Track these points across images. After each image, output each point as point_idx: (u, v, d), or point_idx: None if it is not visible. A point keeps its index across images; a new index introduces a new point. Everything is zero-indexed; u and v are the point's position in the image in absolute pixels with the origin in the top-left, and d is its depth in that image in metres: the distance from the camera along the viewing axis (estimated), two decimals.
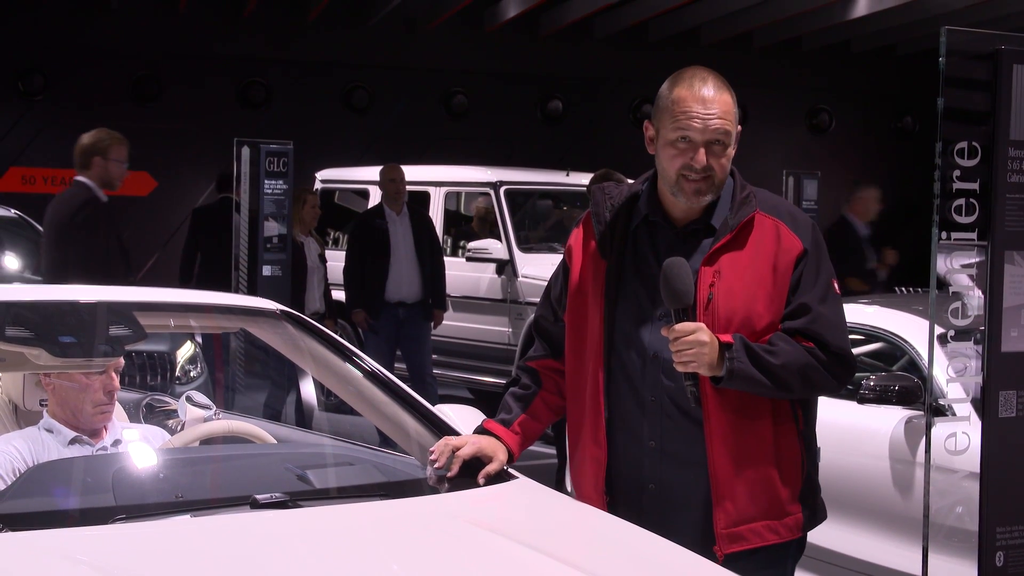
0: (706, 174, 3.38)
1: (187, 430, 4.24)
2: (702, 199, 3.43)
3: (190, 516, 3.08)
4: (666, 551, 3.16)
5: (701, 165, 3.37)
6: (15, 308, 3.82)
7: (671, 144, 3.41)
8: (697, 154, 3.37)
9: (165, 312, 4.31)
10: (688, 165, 3.38)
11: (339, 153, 14.82)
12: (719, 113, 3.38)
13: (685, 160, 3.38)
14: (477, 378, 11.70)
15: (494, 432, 3.59)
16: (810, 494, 3.52)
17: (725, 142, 3.40)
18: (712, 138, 3.38)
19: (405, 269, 10.06)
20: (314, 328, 4.14)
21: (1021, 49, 4.09)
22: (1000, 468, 4.10)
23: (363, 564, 2.91)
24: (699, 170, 3.37)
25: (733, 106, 3.44)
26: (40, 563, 2.75)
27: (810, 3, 15.53)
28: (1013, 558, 4.12)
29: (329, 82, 16.65)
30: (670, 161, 3.42)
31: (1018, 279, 4.09)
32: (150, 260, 14.20)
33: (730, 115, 3.42)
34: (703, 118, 3.37)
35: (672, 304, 3.29)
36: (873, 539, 5.73)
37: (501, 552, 3.03)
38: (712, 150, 3.38)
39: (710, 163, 3.38)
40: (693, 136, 3.37)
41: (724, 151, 3.40)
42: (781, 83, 18.33)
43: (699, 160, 3.37)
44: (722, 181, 3.45)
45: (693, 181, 3.39)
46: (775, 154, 16.91)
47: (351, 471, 3.71)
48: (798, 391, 3.40)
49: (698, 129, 3.37)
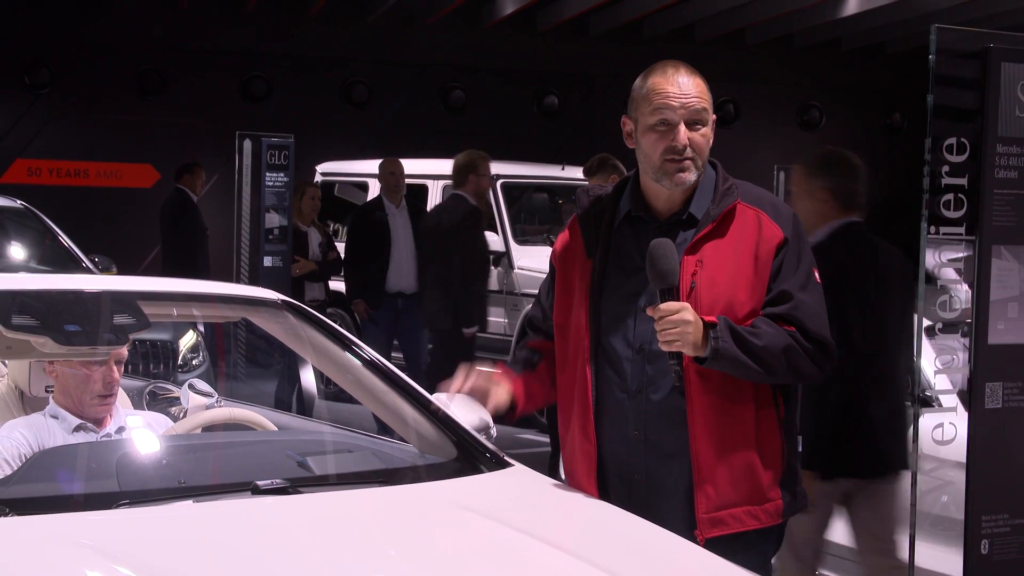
0: (689, 154, 3.41)
1: (189, 417, 4.24)
2: (687, 179, 3.44)
3: (192, 502, 3.08)
4: (655, 536, 3.17)
5: (683, 144, 3.40)
6: (21, 297, 3.82)
7: (651, 129, 3.44)
8: (678, 133, 3.41)
9: (168, 301, 4.31)
10: (671, 147, 3.41)
11: (339, 146, 14.83)
12: (695, 93, 3.43)
13: (667, 142, 3.42)
14: None
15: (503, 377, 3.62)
16: (791, 481, 3.52)
17: (702, 120, 3.44)
18: (690, 117, 3.42)
19: (404, 260, 10.06)
20: (314, 317, 4.14)
21: (1010, 47, 4.09)
22: (986, 458, 4.10)
23: (361, 549, 2.91)
24: (681, 150, 3.40)
25: (707, 90, 3.47)
26: (45, 547, 2.75)
27: (802, 1, 15.55)
28: (998, 546, 4.12)
29: (329, 77, 16.64)
30: (653, 146, 3.45)
31: (1005, 273, 4.10)
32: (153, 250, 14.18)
33: (705, 97, 3.45)
34: (679, 98, 3.41)
35: (658, 284, 3.30)
36: None
37: (496, 538, 3.03)
38: (690, 128, 3.42)
39: (691, 141, 3.41)
40: (671, 116, 3.41)
41: (701, 129, 3.43)
42: (773, 80, 18.34)
43: (680, 139, 3.40)
44: (704, 161, 3.47)
45: (676, 162, 3.42)
46: (767, 149, 16.90)
47: (350, 458, 3.71)
48: (780, 375, 3.40)
49: (675, 108, 3.41)
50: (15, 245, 9.82)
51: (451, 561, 2.91)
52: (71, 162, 16.00)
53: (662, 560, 3.06)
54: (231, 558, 2.76)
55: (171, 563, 2.68)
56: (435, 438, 3.64)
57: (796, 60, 18.44)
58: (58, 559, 2.70)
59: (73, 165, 16.01)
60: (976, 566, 4.10)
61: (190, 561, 2.72)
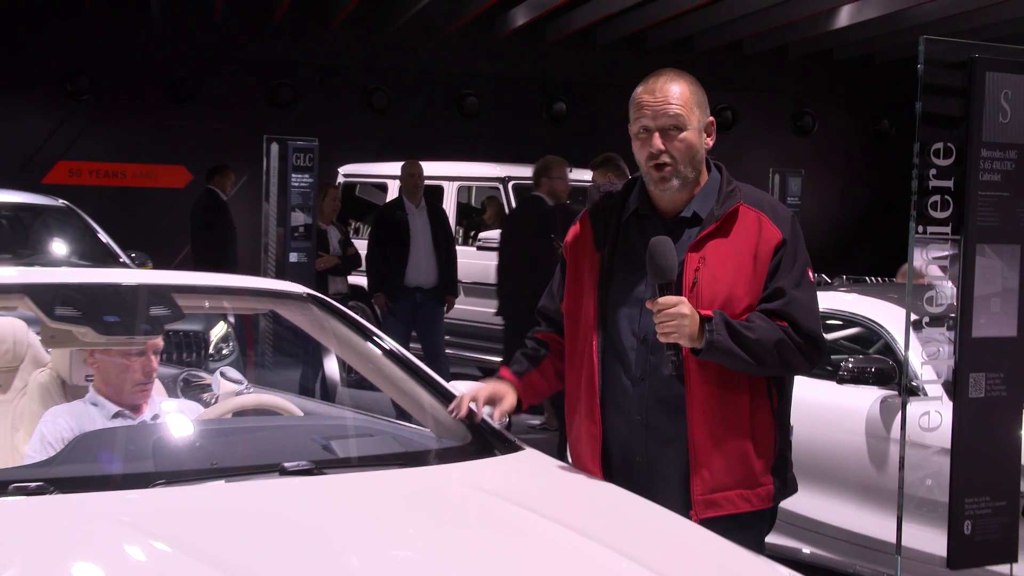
0: (666, 160, 3.41)
1: (220, 403, 4.24)
2: (668, 186, 3.45)
3: (224, 482, 3.09)
4: (656, 515, 3.17)
5: (657, 149, 3.41)
6: (64, 290, 3.82)
7: (635, 137, 3.48)
8: (653, 139, 3.42)
9: (200, 294, 4.31)
10: (651, 153, 3.43)
11: (360, 149, 14.84)
12: (669, 100, 3.42)
13: (648, 149, 3.43)
14: (486, 357, 11.72)
15: (507, 379, 3.65)
16: (782, 468, 3.52)
17: (680, 125, 3.42)
18: (664, 124, 3.42)
19: (423, 257, 10.07)
20: (337, 310, 4.14)
21: (994, 57, 4.08)
22: (969, 444, 4.10)
23: (382, 527, 2.91)
24: (656, 154, 3.42)
25: (690, 96, 3.46)
26: (86, 523, 2.76)
27: (796, 14, 15.52)
28: (980, 526, 4.12)
29: (351, 84, 16.65)
30: (638, 153, 3.48)
31: (988, 270, 4.09)
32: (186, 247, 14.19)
33: (684, 103, 3.44)
34: (653, 106, 3.42)
35: (656, 279, 3.31)
36: (852, 509, 5.74)
37: (509, 517, 3.03)
38: (667, 135, 3.42)
39: (665, 146, 3.41)
40: (647, 124, 3.43)
41: (679, 135, 3.42)
42: (768, 88, 18.32)
43: (655, 144, 3.42)
44: (688, 164, 3.45)
45: (657, 170, 3.43)
46: (762, 154, 16.89)
47: (371, 441, 3.72)
48: (772, 367, 3.39)
49: (649, 116, 3.43)
50: (58, 241, 9.85)
51: (466, 538, 2.91)
52: (109, 164, 16.02)
53: (662, 537, 3.07)
54: (260, 534, 2.77)
55: (203, 538, 2.69)
56: (451, 423, 3.64)
57: (790, 69, 18.43)
58: (98, 534, 2.71)
59: (111, 167, 16.04)
60: (960, 546, 4.10)
61: (221, 537, 2.72)
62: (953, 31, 14.29)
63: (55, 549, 2.65)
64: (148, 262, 9.98)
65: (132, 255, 9.95)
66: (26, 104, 15.60)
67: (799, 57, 18.24)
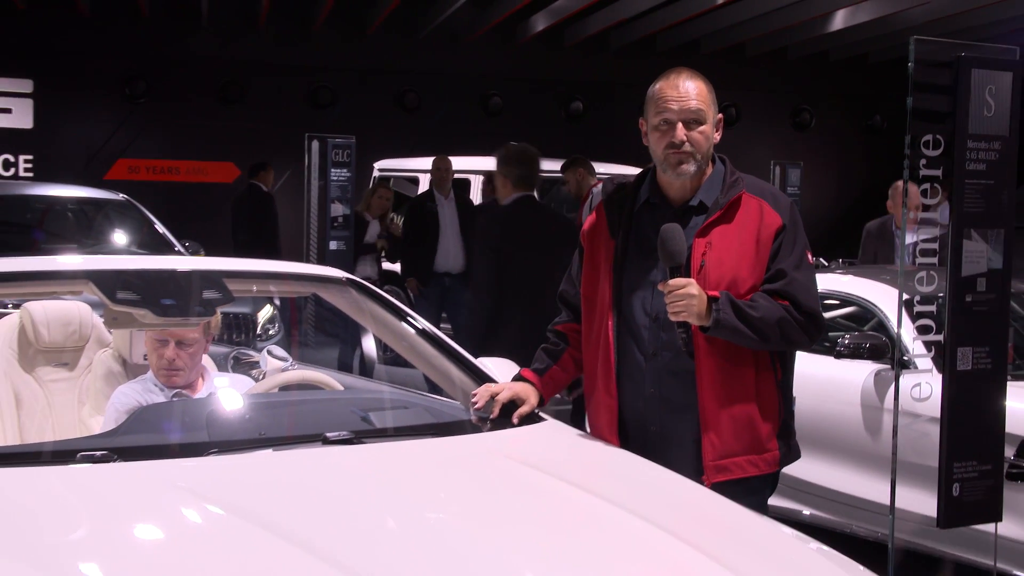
0: (687, 148, 3.42)
1: (268, 379, 4.25)
2: (686, 170, 3.45)
3: (271, 450, 3.09)
4: (670, 480, 3.17)
5: (680, 139, 3.41)
6: (124, 276, 3.83)
7: (656, 128, 3.47)
8: (676, 130, 3.41)
9: (249, 279, 4.32)
10: (671, 143, 3.42)
11: (394, 146, 14.83)
12: (691, 96, 3.43)
13: (668, 139, 3.43)
14: None
15: (528, 379, 3.63)
16: (785, 435, 3.52)
17: (700, 119, 3.43)
18: (686, 117, 3.42)
19: (451, 244, 10.06)
20: (374, 292, 4.15)
21: (979, 55, 4.06)
22: (957, 413, 4.08)
23: (416, 491, 2.91)
24: (678, 144, 3.41)
25: (707, 93, 3.47)
26: (146, 488, 2.77)
27: (794, 18, 15.47)
28: (967, 489, 4.11)
29: (385, 86, 16.65)
30: (657, 142, 3.47)
31: (974, 252, 4.07)
32: None
33: (703, 99, 3.45)
34: (677, 100, 3.42)
35: (667, 262, 3.32)
36: (848, 473, 5.72)
37: (533, 481, 3.03)
38: (688, 126, 3.42)
39: (688, 137, 3.42)
40: (671, 117, 3.42)
41: (699, 127, 3.43)
42: (769, 87, 18.25)
43: (678, 135, 3.42)
44: (705, 154, 3.46)
45: (676, 154, 3.43)
46: (764, 147, 16.84)
47: (406, 413, 3.72)
48: (775, 342, 3.39)
49: (674, 111, 3.42)
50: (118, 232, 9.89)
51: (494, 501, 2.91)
52: (164, 161, 16.07)
53: (676, 500, 3.06)
54: (304, 498, 2.77)
55: (253, 502, 2.69)
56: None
57: (789, 70, 18.36)
58: (157, 498, 2.72)
59: (166, 163, 16.08)
60: (949, 506, 4.09)
61: (269, 500, 2.73)
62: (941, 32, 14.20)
63: (118, 511, 2.66)
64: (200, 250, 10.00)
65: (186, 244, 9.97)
66: (89, 107, 15.65)
67: (797, 58, 18.16)
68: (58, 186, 10.71)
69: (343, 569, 2.33)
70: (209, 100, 15.92)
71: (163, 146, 16.01)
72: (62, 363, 4.25)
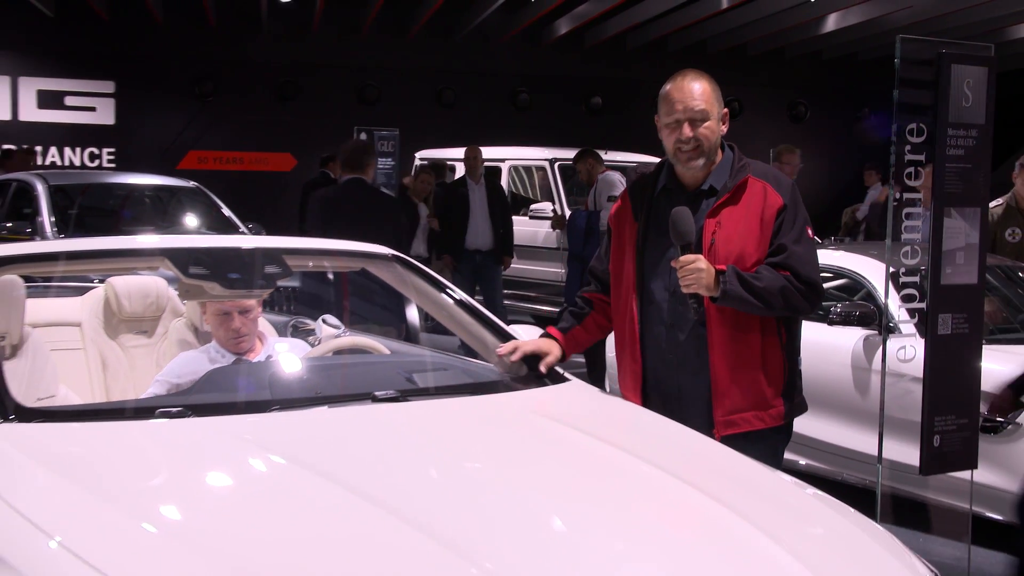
0: (694, 144, 3.41)
1: (323, 344, 4.26)
2: (695, 163, 3.44)
3: (326, 407, 3.09)
4: (686, 435, 3.16)
5: (686, 136, 3.41)
6: (195, 253, 3.84)
7: (666, 127, 3.47)
8: (683, 129, 3.41)
9: (305, 255, 4.33)
10: (679, 139, 3.42)
11: (432, 137, 14.84)
12: (696, 97, 3.42)
13: (676, 136, 3.43)
14: (537, 307, 11.72)
15: (553, 335, 3.65)
16: (791, 392, 3.50)
17: (704, 118, 3.42)
18: (692, 116, 3.41)
19: (480, 225, 10.06)
20: (417, 267, 4.14)
21: (958, 52, 4.01)
22: (938, 373, 4.05)
23: (455, 443, 2.92)
24: (685, 140, 3.41)
25: (711, 92, 3.45)
26: (216, 440, 2.79)
27: (791, 21, 15.40)
28: (947, 440, 4.09)
29: (425, 83, 16.65)
30: (667, 139, 3.47)
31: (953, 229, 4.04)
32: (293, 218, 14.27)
33: (707, 98, 3.44)
34: (683, 102, 3.42)
35: (678, 241, 3.32)
36: (840, 428, 5.70)
37: (559, 435, 3.03)
38: (694, 124, 3.41)
39: (694, 134, 3.41)
40: (678, 117, 3.42)
41: (704, 124, 3.42)
42: (769, 83, 18.15)
43: (685, 133, 3.41)
44: (711, 147, 3.45)
45: (684, 151, 3.42)
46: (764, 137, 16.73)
47: (446, 374, 3.72)
48: (779, 309, 3.37)
49: (680, 111, 3.42)
50: (190, 215, 9.95)
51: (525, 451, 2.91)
52: (229, 152, 16.13)
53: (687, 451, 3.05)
54: (355, 450, 2.78)
55: (311, 452, 2.70)
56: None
57: (786, 67, 18.25)
58: (226, 449, 2.73)
59: (231, 154, 16.14)
60: (930, 456, 4.07)
61: (325, 451, 2.74)
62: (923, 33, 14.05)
63: (192, 460, 2.68)
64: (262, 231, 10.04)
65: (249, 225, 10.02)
66: (163, 105, 15.72)
67: (793, 57, 18.06)
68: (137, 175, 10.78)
69: (390, 510, 2.34)
70: (268, 97, 15.96)
71: (228, 139, 16.06)
72: (141, 331, 4.27)
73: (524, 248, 11.62)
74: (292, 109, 15.99)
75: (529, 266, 11.87)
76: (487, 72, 16.83)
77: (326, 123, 15.52)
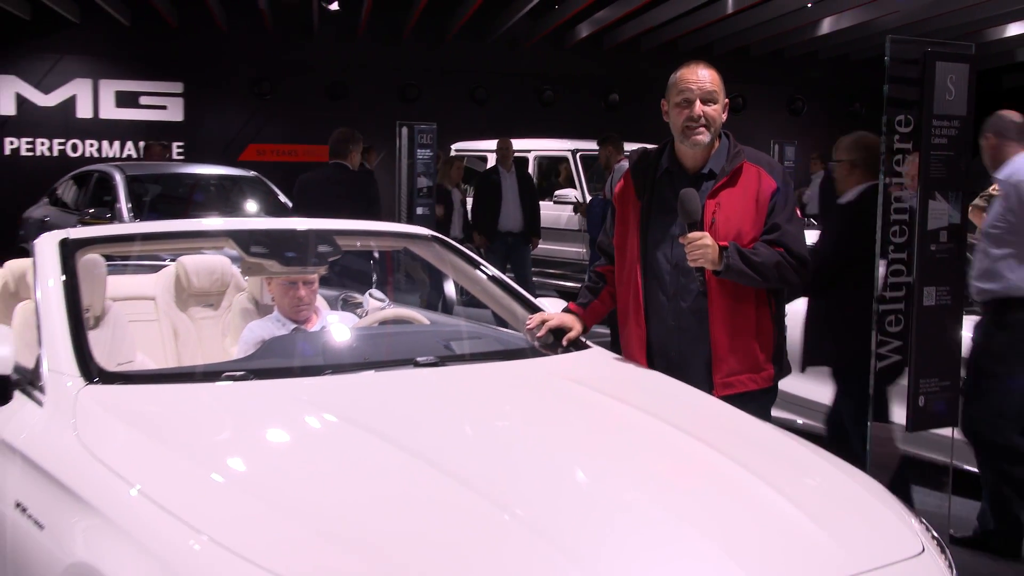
0: (703, 122, 3.38)
1: (369, 315, 4.28)
2: (701, 140, 3.41)
3: (373, 372, 3.12)
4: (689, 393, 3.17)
5: (698, 113, 3.38)
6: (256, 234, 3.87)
7: (677, 106, 3.42)
8: (695, 106, 3.38)
9: (354, 236, 4.34)
10: (689, 116, 3.38)
11: (467, 131, 14.81)
12: (707, 80, 3.40)
13: (687, 114, 3.39)
14: (561, 283, 11.71)
15: (574, 311, 3.64)
16: (779, 357, 3.51)
17: (713, 99, 3.40)
18: (703, 96, 3.38)
19: (511, 209, 10.05)
20: (454, 247, 4.15)
21: (942, 50, 3.97)
22: (923, 339, 4.03)
23: (488, 403, 2.93)
24: (696, 118, 3.37)
25: (718, 80, 3.43)
26: (275, 401, 2.80)
27: (790, 25, 15.28)
28: (931, 400, 4.07)
29: (460, 83, 16.60)
30: (677, 117, 3.42)
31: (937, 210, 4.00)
32: None
33: (716, 83, 3.41)
34: (696, 83, 3.39)
35: (685, 219, 3.31)
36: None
37: (580, 395, 3.04)
38: (704, 103, 3.38)
39: (704, 112, 3.38)
40: (690, 96, 3.39)
41: (712, 105, 3.40)
42: (769, 81, 18.00)
43: (696, 110, 3.38)
44: (716, 127, 3.42)
45: (693, 128, 3.39)
46: (765, 130, 16.61)
47: (480, 342, 3.73)
48: (774, 281, 3.37)
49: (693, 90, 3.38)
50: (250, 201, 9.99)
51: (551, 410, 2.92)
52: (286, 145, 16.16)
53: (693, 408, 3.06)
54: (399, 409, 2.80)
55: (360, 410, 2.72)
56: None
57: (785, 67, 18.10)
58: (285, 407, 2.75)
59: (287, 147, 16.17)
60: (916, 414, 4.05)
61: (372, 410, 2.76)
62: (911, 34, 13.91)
63: (254, 417, 2.71)
64: None
65: None
66: (226, 103, 15.76)
67: (792, 57, 17.91)
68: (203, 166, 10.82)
69: (429, 462, 2.35)
70: (320, 96, 15.96)
71: (284, 133, 16.09)
72: (208, 304, 4.30)
73: (549, 230, 11.60)
74: (341, 106, 15.98)
75: (554, 246, 11.86)
76: (515, 72, 16.78)
77: (370, 119, 15.53)
